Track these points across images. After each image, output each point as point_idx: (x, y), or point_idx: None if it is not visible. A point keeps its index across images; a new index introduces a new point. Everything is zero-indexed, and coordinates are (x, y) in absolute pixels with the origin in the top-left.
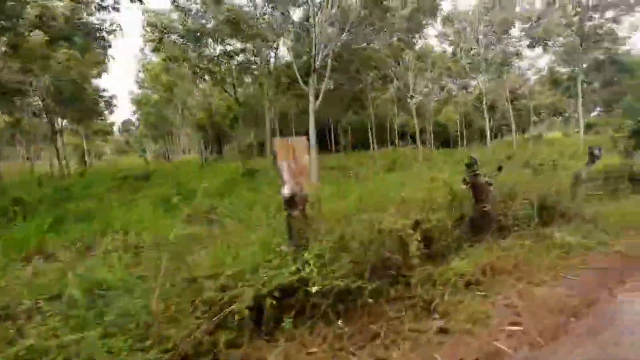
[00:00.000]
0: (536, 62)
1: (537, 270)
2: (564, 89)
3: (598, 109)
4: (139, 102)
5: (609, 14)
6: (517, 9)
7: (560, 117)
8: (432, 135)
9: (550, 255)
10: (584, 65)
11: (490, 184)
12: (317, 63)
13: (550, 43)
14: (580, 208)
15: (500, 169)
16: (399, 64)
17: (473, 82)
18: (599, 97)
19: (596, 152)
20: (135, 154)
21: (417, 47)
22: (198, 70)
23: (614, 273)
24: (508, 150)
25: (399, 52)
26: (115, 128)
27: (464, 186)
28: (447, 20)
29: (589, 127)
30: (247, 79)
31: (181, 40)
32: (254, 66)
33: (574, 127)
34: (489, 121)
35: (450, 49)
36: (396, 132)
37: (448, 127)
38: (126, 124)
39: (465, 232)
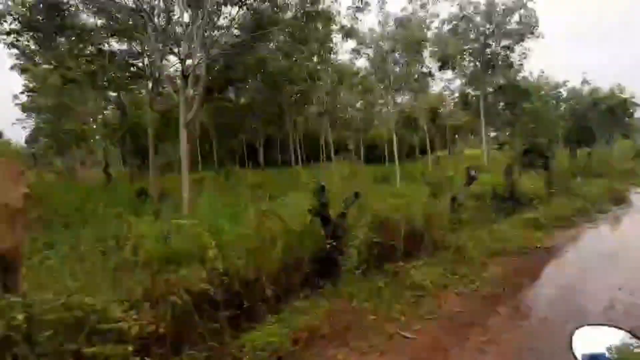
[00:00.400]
0: (452, 83)
1: (373, 327)
2: (473, 110)
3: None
4: (28, 109)
5: (505, 42)
6: (427, 32)
7: (475, 136)
8: (362, 150)
9: (401, 300)
10: (490, 89)
11: (344, 214)
12: (190, 68)
13: (457, 68)
14: (449, 236)
15: (357, 195)
16: (313, 79)
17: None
18: (504, 118)
19: (472, 173)
20: (44, 169)
21: (327, 60)
22: (64, 70)
23: (460, 324)
24: (422, 168)
25: (312, 65)
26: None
27: (312, 217)
28: (350, 34)
29: (502, 145)
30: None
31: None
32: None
33: (490, 145)
34: (398, 140)
35: (365, 65)
36: (332, 146)
37: (381, 143)
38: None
39: (304, 277)
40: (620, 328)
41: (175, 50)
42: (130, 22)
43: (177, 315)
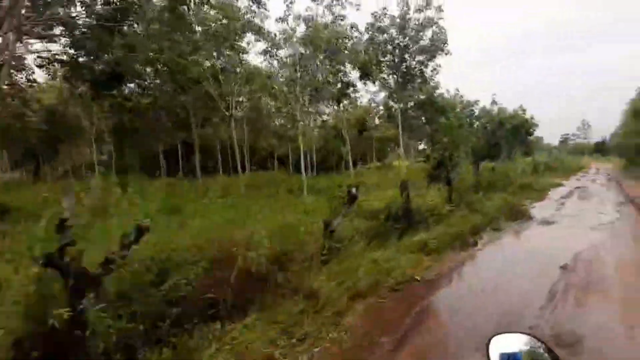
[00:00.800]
0: (377, 96)
1: None
2: (397, 124)
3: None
4: None
5: (420, 57)
6: (348, 42)
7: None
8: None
9: None
10: (411, 104)
11: (111, 262)
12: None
13: (377, 79)
14: (313, 273)
15: (140, 230)
16: (217, 79)
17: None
18: (427, 132)
19: (353, 191)
20: None
21: (235, 60)
22: None
23: None
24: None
25: (215, 63)
26: None
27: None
28: (258, 33)
29: (428, 158)
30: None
31: None
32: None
33: (417, 157)
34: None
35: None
36: (247, 155)
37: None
38: None
39: None
40: (531, 335)
41: None
42: None
43: None
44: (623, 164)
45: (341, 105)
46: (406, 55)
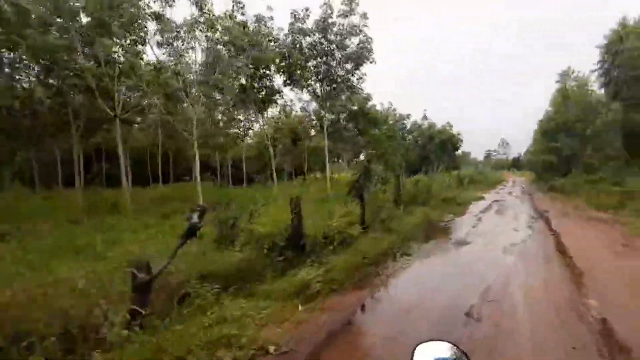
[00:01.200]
0: (311, 104)
1: None
2: (329, 134)
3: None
4: None
5: (348, 66)
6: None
7: (340, 160)
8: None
9: None
10: (344, 115)
11: None
12: None
13: (303, 85)
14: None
15: None
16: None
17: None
18: (360, 143)
19: (193, 219)
20: None
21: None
22: None
23: None
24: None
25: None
26: None
27: None
28: (162, 23)
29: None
30: None
31: None
32: None
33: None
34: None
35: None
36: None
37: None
38: None
39: None
40: (453, 344)
41: None
42: None
43: None
44: (534, 177)
45: (268, 112)
46: (333, 62)
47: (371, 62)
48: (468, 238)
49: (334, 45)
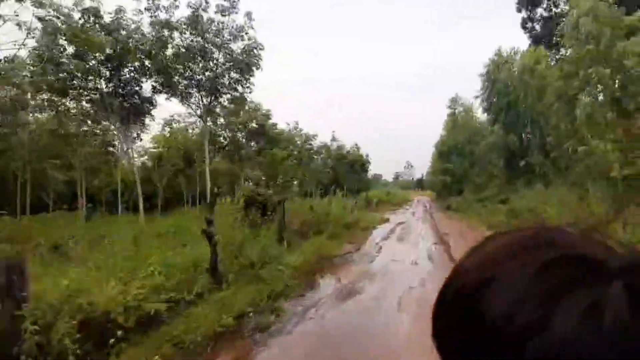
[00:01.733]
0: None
1: None
2: (228, 154)
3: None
4: None
5: (234, 75)
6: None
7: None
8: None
9: None
10: (242, 133)
11: None
12: None
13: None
14: None
15: None
16: None
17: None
18: (261, 163)
19: None
20: None
21: None
22: None
23: None
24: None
25: None
26: None
27: None
28: None
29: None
30: None
31: None
32: None
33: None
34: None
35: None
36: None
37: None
38: None
39: None
40: None
41: None
42: None
43: None
44: (435, 196)
45: (146, 126)
46: (217, 69)
47: (257, 69)
48: (360, 281)
49: (214, 48)
